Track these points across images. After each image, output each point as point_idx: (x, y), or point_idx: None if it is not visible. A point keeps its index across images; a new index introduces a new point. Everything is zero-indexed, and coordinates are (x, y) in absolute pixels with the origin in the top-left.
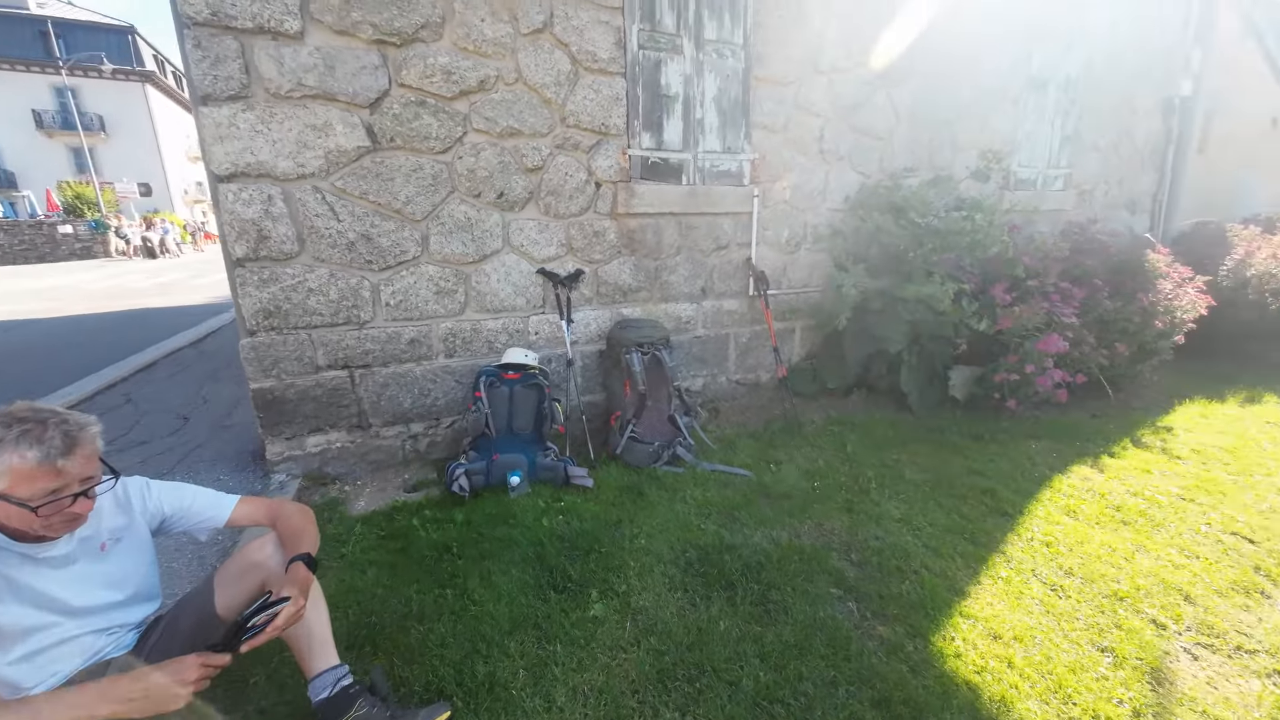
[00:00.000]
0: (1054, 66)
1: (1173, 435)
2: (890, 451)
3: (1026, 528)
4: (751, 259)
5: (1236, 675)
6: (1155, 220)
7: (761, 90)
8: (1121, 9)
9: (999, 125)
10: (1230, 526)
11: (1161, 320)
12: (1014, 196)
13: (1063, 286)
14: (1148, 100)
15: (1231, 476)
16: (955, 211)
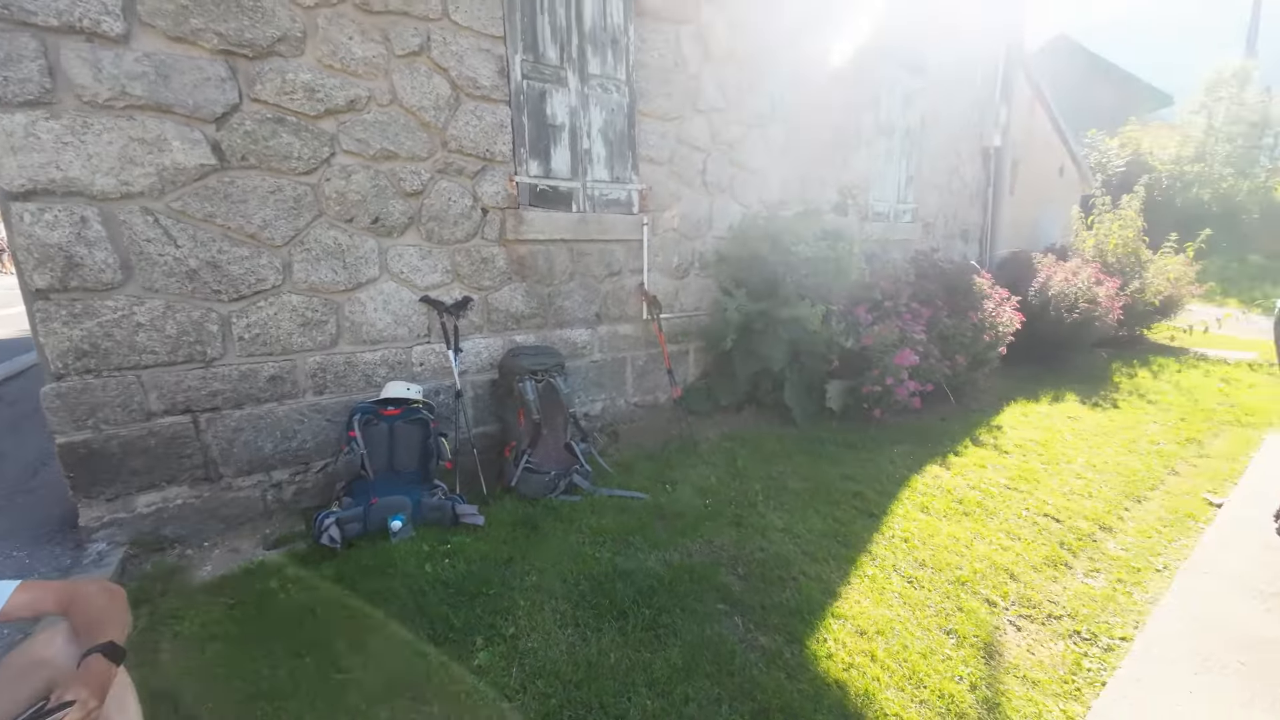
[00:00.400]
0: (897, 117)
1: (1001, 433)
2: (776, 464)
3: (889, 526)
4: (644, 284)
5: (1048, 640)
6: (983, 248)
7: (646, 124)
8: (946, 73)
9: (856, 165)
10: (1042, 509)
11: (988, 334)
12: (871, 227)
13: (913, 307)
14: (970, 148)
15: (1043, 465)
16: (821, 241)
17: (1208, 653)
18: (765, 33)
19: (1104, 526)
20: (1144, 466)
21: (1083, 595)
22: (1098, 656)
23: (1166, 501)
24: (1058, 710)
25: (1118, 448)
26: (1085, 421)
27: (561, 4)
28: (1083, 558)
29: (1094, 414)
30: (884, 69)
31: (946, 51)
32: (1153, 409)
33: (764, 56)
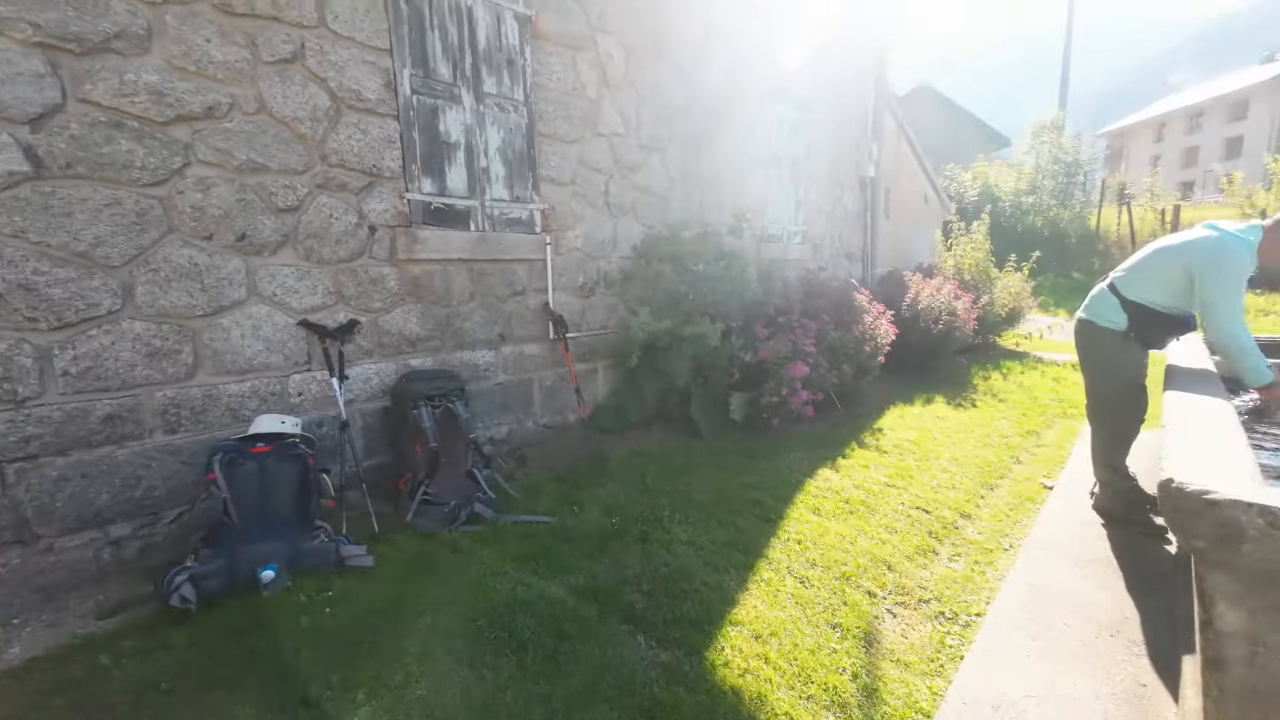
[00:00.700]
0: (785, 147)
1: (883, 435)
2: (683, 477)
3: (785, 530)
4: (549, 304)
5: (919, 622)
6: (865, 267)
7: (546, 146)
8: (826, 110)
9: (751, 191)
10: (915, 503)
11: (869, 345)
12: (767, 248)
13: (803, 322)
14: (850, 178)
15: (916, 463)
16: (720, 261)
17: (1042, 619)
18: (661, 65)
19: (964, 514)
20: (996, 458)
21: (947, 579)
22: (958, 633)
23: (1013, 488)
24: (924, 688)
25: (976, 442)
26: (951, 420)
27: (453, 22)
28: (947, 544)
29: (958, 413)
30: (772, 104)
31: (825, 91)
32: (1003, 406)
33: (661, 87)
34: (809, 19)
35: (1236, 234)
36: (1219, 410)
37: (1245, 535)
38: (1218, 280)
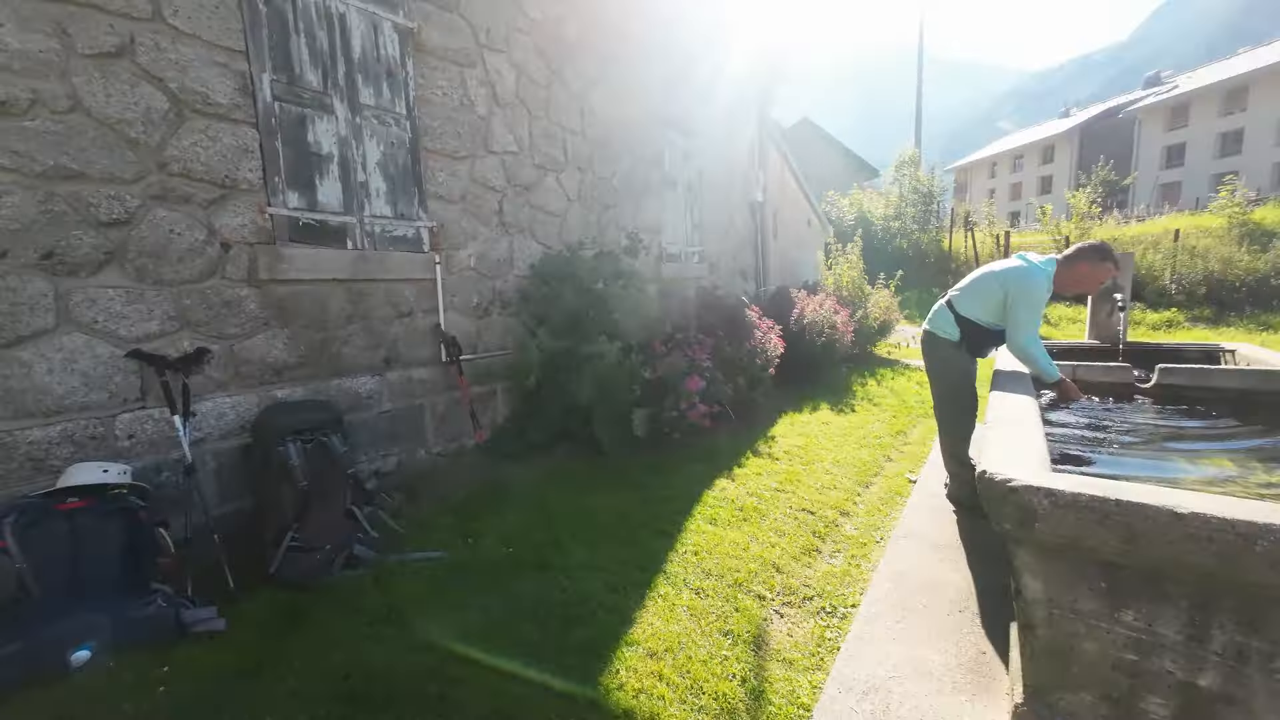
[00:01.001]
0: (679, 172)
1: (775, 442)
2: (586, 497)
3: (683, 543)
4: (441, 325)
5: (803, 620)
6: (758, 284)
7: (434, 162)
8: (716, 139)
9: (649, 211)
10: (801, 505)
11: (760, 358)
12: (666, 267)
13: (699, 337)
14: (741, 202)
15: (804, 467)
16: (618, 280)
17: (905, 603)
18: (554, 87)
19: (844, 512)
20: (871, 458)
21: (828, 575)
22: (836, 626)
23: (885, 484)
24: (806, 683)
25: (855, 444)
26: (834, 425)
27: (322, 28)
28: (829, 542)
29: (840, 418)
30: (665, 131)
31: (715, 122)
32: (877, 410)
33: (554, 108)
34: (697, 54)
35: (1039, 266)
36: (1024, 407)
37: (1037, 514)
38: (1022, 304)
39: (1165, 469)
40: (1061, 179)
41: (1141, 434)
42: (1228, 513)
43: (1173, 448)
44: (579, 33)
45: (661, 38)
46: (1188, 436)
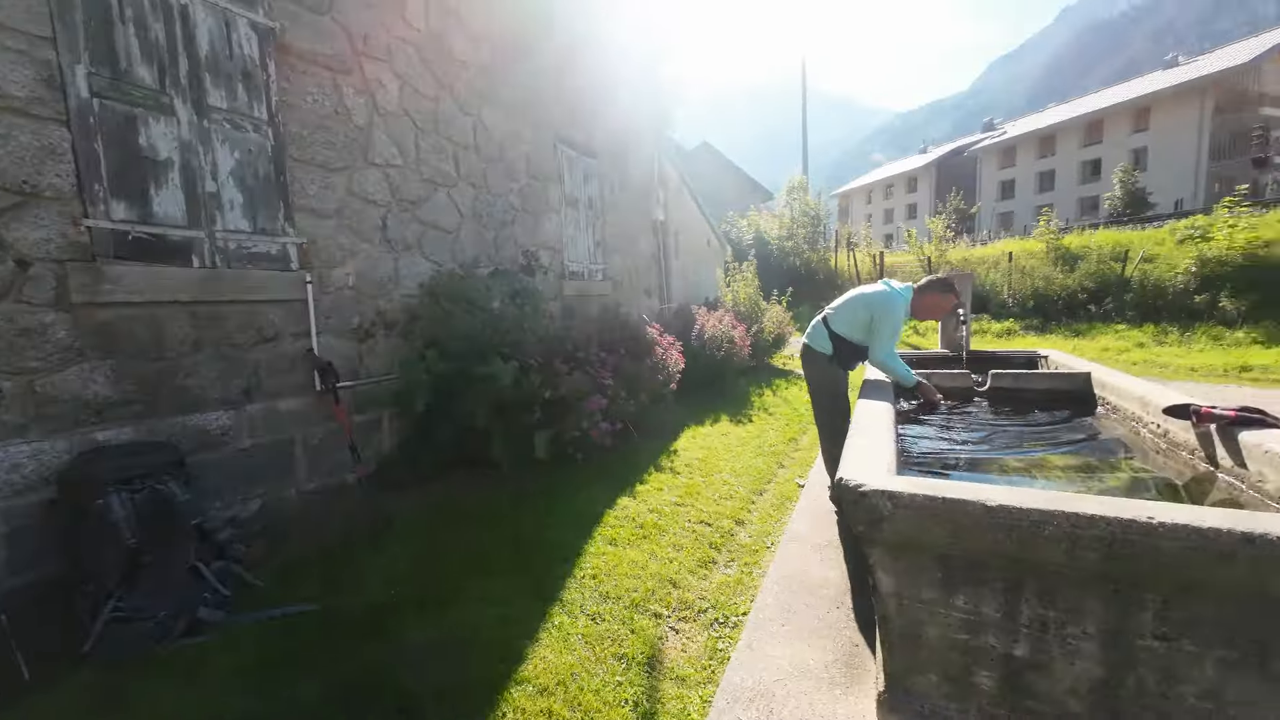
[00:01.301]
0: (580, 190)
1: (677, 456)
2: (482, 526)
3: (581, 567)
4: (313, 350)
5: (697, 633)
6: (662, 301)
7: (303, 172)
8: (616, 159)
9: (549, 229)
10: (700, 517)
11: (662, 374)
12: (569, 285)
13: (601, 355)
14: (643, 221)
15: (703, 479)
16: (516, 299)
17: (790, 605)
18: (444, 101)
19: (739, 521)
20: (765, 465)
21: (722, 585)
22: (727, 636)
23: (777, 490)
24: (698, 698)
25: (751, 453)
26: (732, 436)
27: (157, 19)
28: (724, 552)
29: (738, 429)
30: (564, 150)
31: (615, 142)
32: (772, 419)
33: (444, 122)
34: (596, 77)
35: (899, 292)
36: (881, 415)
37: (883, 516)
38: (884, 324)
39: (1003, 456)
40: (924, 206)
41: (981, 429)
42: (1024, 503)
43: (1003, 440)
44: (469, 48)
45: (556, 61)
46: (1011, 429)
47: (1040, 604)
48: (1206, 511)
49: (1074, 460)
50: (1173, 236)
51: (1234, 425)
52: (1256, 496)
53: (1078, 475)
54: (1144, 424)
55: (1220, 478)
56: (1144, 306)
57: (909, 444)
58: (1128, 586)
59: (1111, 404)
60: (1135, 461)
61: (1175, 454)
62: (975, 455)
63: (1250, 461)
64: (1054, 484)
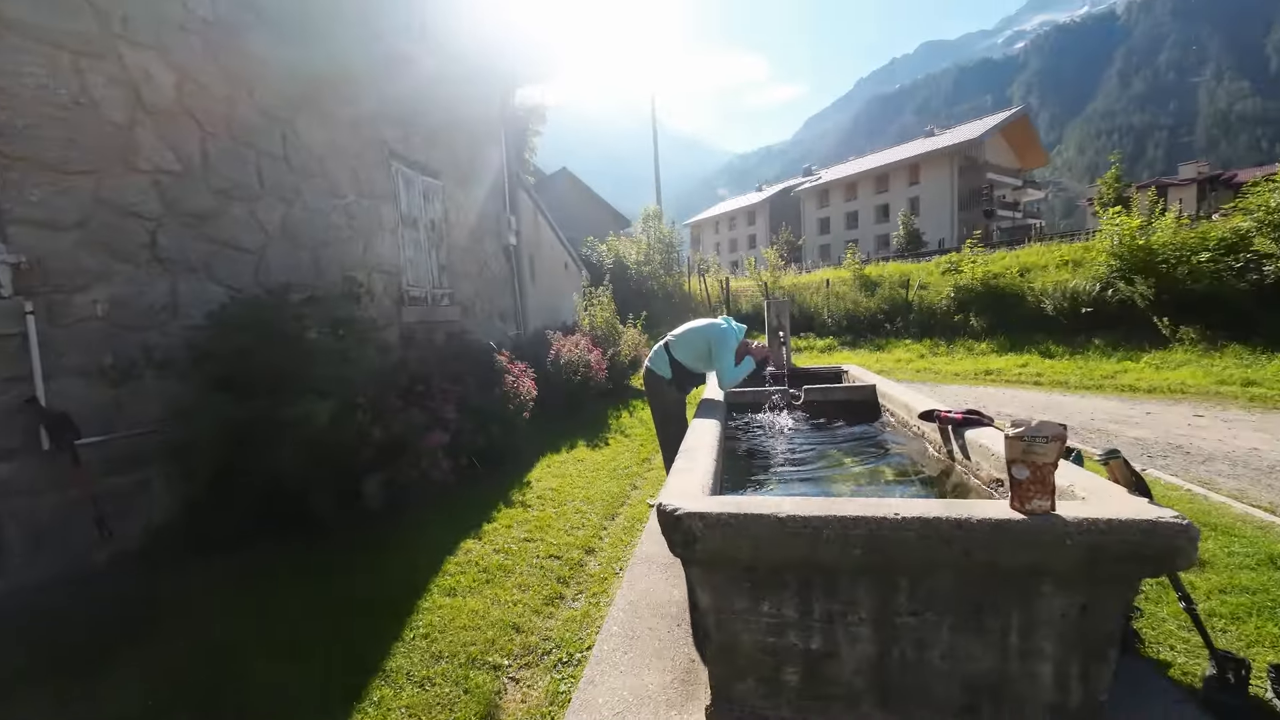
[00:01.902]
0: (420, 210)
1: (530, 488)
2: (293, 596)
3: (412, 627)
4: (39, 399)
5: (540, 678)
6: (519, 327)
7: (20, 173)
8: (463, 182)
9: (383, 251)
10: (550, 551)
11: (513, 403)
12: (410, 311)
13: (444, 387)
14: (495, 246)
15: (556, 510)
16: (337, 329)
17: (634, 631)
18: (241, 103)
19: (590, 550)
20: (619, 489)
21: (569, 621)
22: (570, 675)
23: (630, 512)
24: None
25: (606, 477)
26: (588, 461)
27: None
28: (573, 585)
29: (594, 454)
30: (399, 167)
31: (460, 163)
32: (628, 441)
33: (242, 126)
34: (436, 96)
35: (732, 328)
36: (707, 435)
37: (696, 537)
38: (722, 352)
39: (817, 459)
40: (761, 238)
41: (797, 434)
42: (807, 512)
43: (816, 445)
44: (271, 47)
45: (388, 72)
46: (822, 436)
47: (827, 599)
48: (932, 503)
49: (862, 462)
50: (938, 269)
51: (961, 425)
52: (977, 482)
53: (864, 477)
54: (909, 426)
55: (956, 468)
56: (922, 324)
57: (754, 445)
58: (885, 573)
59: (889, 410)
60: (907, 460)
61: (929, 450)
62: (798, 458)
63: (972, 454)
64: (860, 489)
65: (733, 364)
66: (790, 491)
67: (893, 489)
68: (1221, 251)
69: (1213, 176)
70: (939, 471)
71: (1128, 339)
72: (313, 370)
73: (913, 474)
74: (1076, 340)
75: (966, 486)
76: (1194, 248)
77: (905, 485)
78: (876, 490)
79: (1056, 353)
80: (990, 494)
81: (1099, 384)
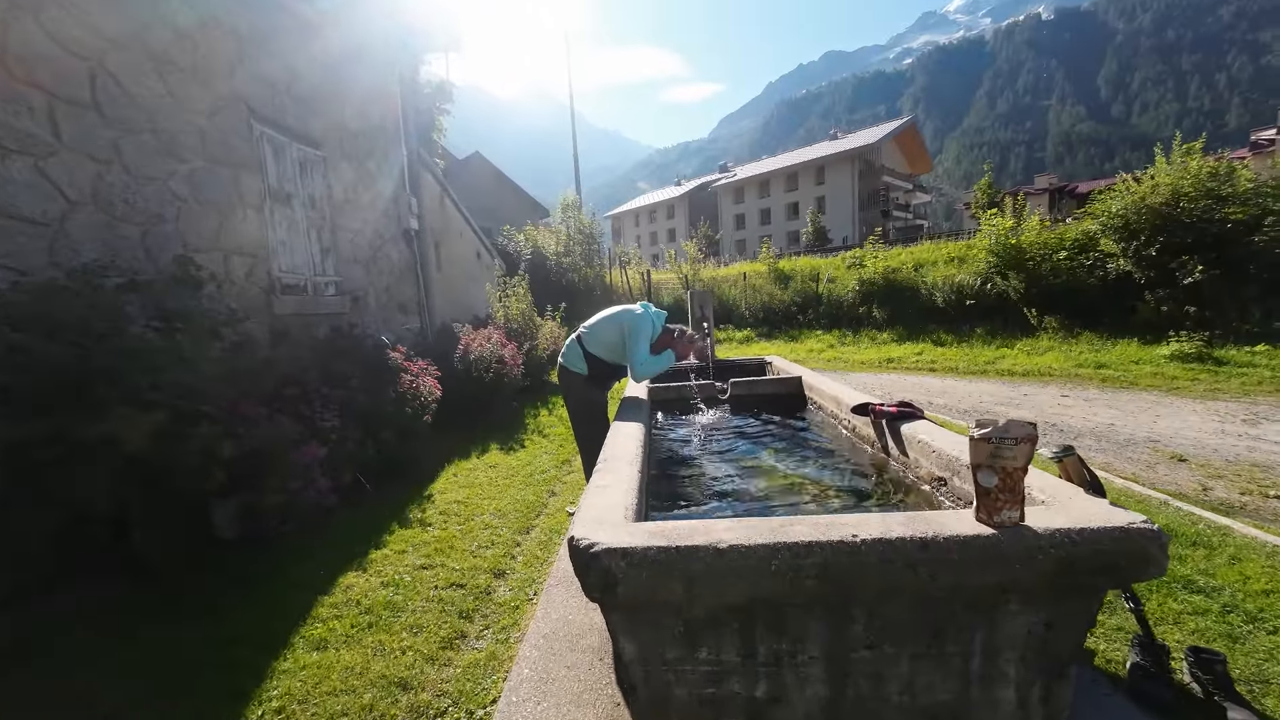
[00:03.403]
0: (295, 185)
1: (431, 503)
2: (94, 673)
3: (263, 699)
4: None
5: None
6: (423, 320)
7: None
8: (348, 153)
9: (246, 230)
10: (451, 579)
11: (411, 406)
12: (284, 302)
13: (323, 391)
14: (393, 230)
15: (461, 528)
16: (171, 322)
17: (549, 671)
18: (14, 23)
19: (500, 573)
20: (535, 497)
21: (471, 667)
22: None
23: (547, 523)
24: None
25: (520, 484)
26: (501, 467)
27: None
28: (477, 620)
29: (509, 458)
30: (266, 132)
31: (347, 135)
32: (545, 441)
33: (22, 55)
34: (317, 54)
35: (649, 315)
36: (629, 443)
37: (618, 579)
38: (635, 343)
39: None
40: (680, 231)
41: (727, 432)
42: (750, 539)
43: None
44: None
45: (251, 18)
46: (749, 434)
47: (774, 639)
48: (891, 520)
49: (796, 463)
50: (844, 264)
51: (896, 419)
52: (915, 479)
53: (803, 484)
54: (840, 420)
55: (891, 464)
56: (831, 316)
57: (679, 447)
58: (841, 604)
59: (817, 403)
60: (841, 458)
61: (862, 446)
62: (727, 460)
63: (910, 450)
64: (798, 504)
65: (646, 354)
66: (722, 507)
67: (833, 499)
68: (1076, 250)
69: (1060, 187)
70: (873, 467)
71: (1004, 328)
72: (132, 375)
73: (849, 474)
74: (962, 330)
75: (905, 484)
76: (1054, 247)
77: (844, 489)
78: (817, 499)
79: (947, 341)
80: (932, 494)
81: (983, 369)
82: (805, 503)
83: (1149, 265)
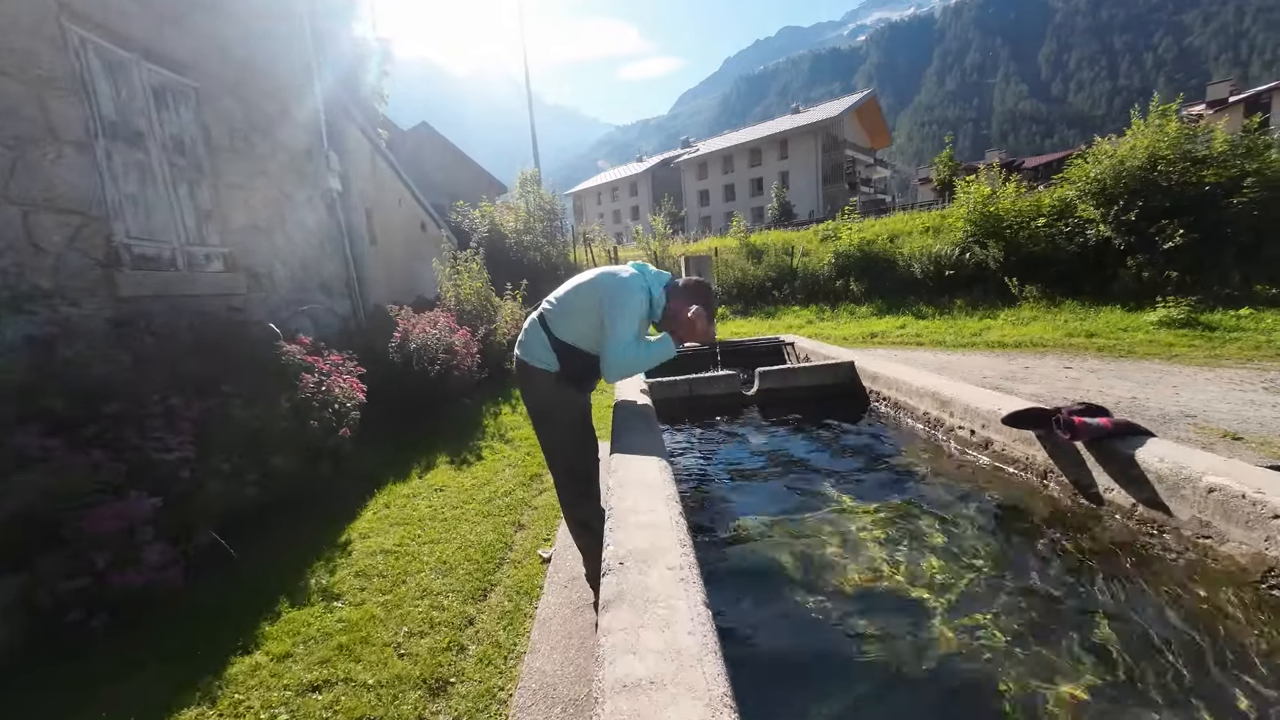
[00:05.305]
0: (148, 120)
1: (346, 557)
2: None
3: None
4: None
5: None
6: (354, 302)
7: None
8: (237, 88)
9: (64, 176)
10: (355, 702)
11: (318, 418)
12: (136, 280)
13: (171, 404)
14: (309, 193)
15: (386, 599)
16: None
17: None
18: None
19: (441, 681)
20: (495, 534)
21: None
22: None
23: (512, 578)
24: None
25: (475, 514)
26: (451, 490)
27: None
28: None
29: (460, 476)
30: (86, 37)
31: (235, 63)
32: (509, 448)
33: None
34: None
35: (641, 278)
36: (656, 509)
37: None
38: (616, 317)
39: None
40: (645, 208)
41: (762, 457)
42: None
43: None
44: None
45: None
46: (796, 460)
47: None
48: None
49: (886, 512)
50: (817, 236)
51: (1112, 438)
52: (1218, 567)
53: (901, 540)
54: (950, 430)
55: (1121, 521)
56: (807, 290)
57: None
58: None
59: (891, 401)
60: (980, 503)
61: (1012, 477)
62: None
63: (1174, 501)
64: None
65: (632, 336)
66: (803, 608)
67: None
68: (1054, 217)
69: (1008, 162)
70: (1058, 517)
71: (985, 298)
72: None
73: (991, 508)
74: (942, 301)
75: (1153, 556)
76: (1031, 214)
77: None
78: (984, 594)
79: (928, 313)
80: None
81: (970, 341)
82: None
83: (1128, 230)
